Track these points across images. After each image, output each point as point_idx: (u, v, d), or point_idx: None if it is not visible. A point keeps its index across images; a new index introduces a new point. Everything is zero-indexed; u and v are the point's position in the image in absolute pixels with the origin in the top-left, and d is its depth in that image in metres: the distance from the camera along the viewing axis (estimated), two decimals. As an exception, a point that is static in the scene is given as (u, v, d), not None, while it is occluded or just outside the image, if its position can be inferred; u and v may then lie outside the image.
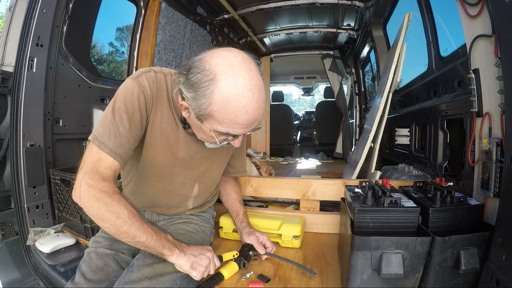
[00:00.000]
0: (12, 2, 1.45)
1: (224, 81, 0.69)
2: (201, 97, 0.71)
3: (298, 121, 6.52)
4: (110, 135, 0.77)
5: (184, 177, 1.00)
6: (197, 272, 0.82)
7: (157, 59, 2.41)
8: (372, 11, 2.72)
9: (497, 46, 0.81)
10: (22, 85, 1.43)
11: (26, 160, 1.43)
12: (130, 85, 0.82)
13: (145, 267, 0.83)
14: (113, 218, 0.72)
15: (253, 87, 0.72)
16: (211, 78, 0.70)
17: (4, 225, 1.46)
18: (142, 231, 0.75)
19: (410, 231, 0.78)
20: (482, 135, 0.92)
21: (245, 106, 0.71)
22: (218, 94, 0.70)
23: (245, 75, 0.71)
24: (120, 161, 0.78)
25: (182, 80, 0.76)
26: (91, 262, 0.88)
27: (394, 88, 1.69)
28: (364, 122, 2.62)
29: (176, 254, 0.81)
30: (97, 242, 0.95)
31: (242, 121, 0.74)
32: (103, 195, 0.72)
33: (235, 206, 1.21)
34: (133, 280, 0.79)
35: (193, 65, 0.74)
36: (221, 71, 0.70)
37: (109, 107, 0.80)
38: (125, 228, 0.73)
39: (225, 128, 0.75)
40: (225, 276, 0.94)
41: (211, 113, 0.73)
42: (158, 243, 0.78)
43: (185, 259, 0.81)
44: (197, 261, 0.83)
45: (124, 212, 0.73)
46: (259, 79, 0.75)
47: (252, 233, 1.09)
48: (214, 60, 0.72)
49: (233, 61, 0.72)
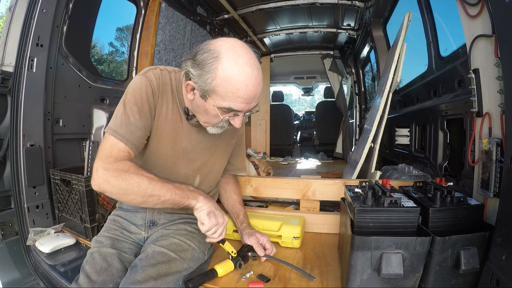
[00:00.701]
0: (12, 2, 1.45)
1: (227, 58, 0.78)
2: (206, 73, 0.79)
3: (298, 121, 6.52)
4: (121, 124, 0.85)
5: (187, 169, 1.03)
6: (209, 221, 0.87)
7: (157, 59, 2.41)
8: (372, 11, 2.72)
9: (497, 46, 0.81)
10: (22, 85, 1.43)
11: (26, 160, 1.43)
12: (138, 81, 0.91)
13: (149, 267, 0.84)
14: (136, 188, 0.79)
15: (252, 65, 0.80)
16: (215, 56, 0.79)
17: (4, 225, 1.46)
18: (165, 189, 0.83)
19: (410, 231, 0.78)
20: (482, 135, 0.92)
21: (245, 80, 0.79)
22: (221, 69, 0.78)
23: (244, 55, 0.80)
24: (132, 147, 0.85)
25: (189, 64, 0.84)
26: (95, 263, 0.88)
27: (394, 88, 1.69)
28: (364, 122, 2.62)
29: (201, 200, 0.88)
30: (99, 242, 0.95)
31: (243, 95, 0.80)
32: (120, 173, 0.79)
33: (236, 207, 1.21)
34: (138, 281, 0.80)
35: (198, 49, 0.83)
36: (224, 50, 0.79)
37: (121, 102, 0.89)
38: (149, 192, 0.80)
39: (227, 102, 0.81)
40: (219, 273, 0.94)
41: (215, 87, 0.80)
42: (183, 195, 0.86)
43: (208, 205, 0.89)
44: (215, 213, 0.90)
45: (143, 179, 0.80)
46: (256, 60, 0.83)
47: (253, 234, 1.09)
48: (218, 42, 0.82)
49: (234, 44, 0.81)
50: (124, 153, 0.83)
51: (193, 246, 0.98)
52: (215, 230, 0.89)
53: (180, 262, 0.90)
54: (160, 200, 0.83)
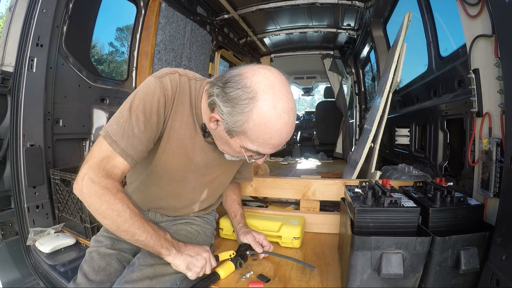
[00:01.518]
0: (12, 2, 1.45)
1: (265, 102, 0.70)
2: (238, 114, 0.71)
3: (298, 121, 6.52)
4: (123, 135, 0.74)
5: (195, 182, 0.99)
6: (192, 273, 0.84)
7: (157, 59, 2.41)
8: (372, 11, 2.72)
9: (497, 46, 0.81)
10: (22, 85, 1.43)
11: (26, 160, 1.43)
12: (152, 85, 0.79)
13: (146, 267, 0.83)
14: (114, 216, 0.71)
15: (290, 110, 0.73)
16: (251, 97, 0.70)
17: (4, 225, 1.46)
18: (142, 230, 0.75)
19: (410, 231, 0.78)
20: (482, 135, 0.92)
21: (280, 128, 0.72)
22: (257, 113, 0.70)
23: (284, 98, 0.72)
24: (131, 162, 0.76)
25: (217, 92, 0.75)
26: (93, 262, 0.87)
27: (394, 88, 1.69)
28: (364, 122, 2.62)
29: (173, 254, 0.81)
30: (98, 241, 0.95)
31: (275, 142, 0.75)
32: (106, 192, 0.70)
33: (234, 207, 1.21)
34: (134, 280, 0.79)
35: (232, 79, 0.74)
36: (262, 90, 0.70)
37: (127, 104, 0.77)
38: (125, 226, 0.73)
39: (256, 147, 0.76)
40: (221, 275, 0.94)
41: (246, 130, 0.73)
42: (157, 242, 0.78)
43: (182, 259, 0.82)
44: (193, 261, 0.84)
45: (126, 211, 0.72)
46: (294, 102, 0.76)
47: (249, 233, 1.09)
48: (255, 78, 0.72)
49: (274, 82, 0.72)
50: (118, 170, 0.74)
51: None
52: (204, 270, 0.87)
53: None
54: (134, 238, 0.75)
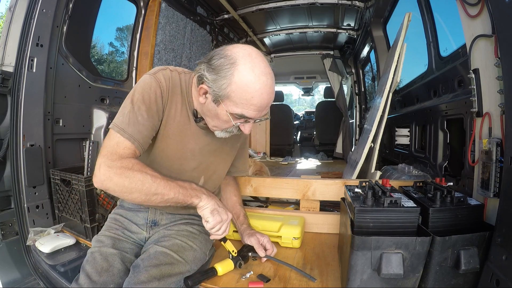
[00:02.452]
0: (12, 2, 1.45)
1: (243, 66, 0.79)
2: (222, 78, 0.79)
3: (298, 121, 6.52)
4: (129, 122, 0.83)
5: (192, 170, 1.03)
6: (213, 219, 0.87)
7: (157, 59, 2.41)
8: (372, 11, 2.72)
9: (497, 46, 0.81)
10: (22, 85, 1.43)
11: (26, 160, 1.43)
12: (148, 80, 0.90)
13: (152, 268, 0.84)
14: (139, 186, 0.78)
15: (267, 74, 0.81)
16: (232, 62, 0.79)
17: (4, 225, 1.46)
18: (168, 188, 0.82)
19: (410, 231, 0.78)
20: (482, 135, 0.92)
21: (260, 88, 0.79)
22: (237, 76, 0.78)
23: (261, 64, 0.81)
24: (138, 146, 0.84)
25: (203, 67, 0.84)
26: (96, 263, 0.87)
27: (394, 88, 1.69)
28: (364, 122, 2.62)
29: (204, 198, 0.88)
30: (100, 241, 0.95)
31: (257, 103, 0.81)
32: (124, 170, 0.78)
33: (236, 208, 1.21)
34: (142, 281, 0.80)
35: (215, 53, 0.83)
36: (241, 57, 0.79)
37: (128, 99, 0.87)
38: (152, 190, 0.80)
39: (240, 109, 0.82)
40: (219, 272, 0.94)
41: (229, 93, 0.80)
42: (186, 194, 0.85)
43: (211, 203, 0.89)
44: (219, 210, 0.89)
45: (146, 177, 0.79)
46: (271, 69, 0.84)
47: (253, 235, 1.09)
48: (234, 49, 0.82)
49: (251, 51, 0.82)
50: (130, 150, 0.82)
51: (194, 247, 0.98)
52: (219, 227, 0.89)
53: (183, 264, 0.91)
54: (164, 199, 0.82)
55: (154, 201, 0.81)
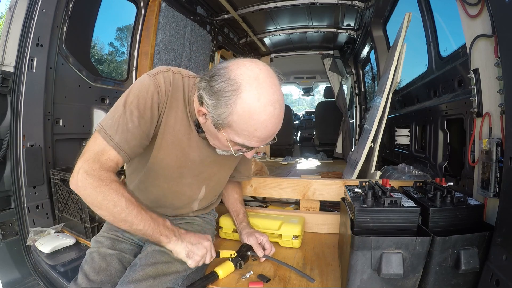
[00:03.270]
0: (12, 2, 1.45)
1: (248, 93, 0.69)
2: (222, 106, 0.71)
3: (298, 121, 6.52)
4: (118, 129, 0.76)
5: (192, 179, 0.99)
6: (192, 261, 0.84)
7: (157, 59, 2.41)
8: (372, 11, 2.72)
9: (497, 46, 0.81)
10: (22, 85, 1.43)
11: (26, 160, 1.43)
12: (146, 82, 0.81)
13: (149, 266, 0.83)
14: (111, 207, 0.72)
15: (275, 102, 0.72)
16: (235, 89, 0.70)
17: (4, 225, 1.46)
18: (139, 218, 0.75)
19: (410, 231, 0.78)
20: (482, 135, 0.92)
21: (265, 120, 0.71)
22: (241, 105, 0.70)
23: (268, 89, 0.71)
24: (124, 156, 0.77)
25: (203, 86, 0.76)
26: (94, 263, 0.87)
27: (394, 88, 1.69)
28: (364, 122, 2.62)
29: (173, 241, 0.82)
30: (99, 242, 0.95)
31: (260, 135, 0.74)
32: (101, 184, 0.72)
33: (236, 206, 1.21)
34: (137, 280, 0.79)
35: (217, 72, 0.74)
36: (246, 82, 0.70)
37: (121, 100, 0.79)
38: (122, 216, 0.73)
39: (242, 139, 0.76)
40: (220, 275, 0.94)
41: (230, 123, 0.73)
42: (156, 230, 0.78)
43: (182, 247, 0.83)
44: (194, 249, 0.84)
45: (121, 200, 0.73)
46: (281, 94, 0.75)
47: (252, 234, 1.09)
48: (239, 70, 0.72)
49: (259, 73, 0.72)
50: (112, 162, 0.76)
51: None
52: (204, 259, 0.87)
53: (180, 263, 0.90)
54: (131, 228, 0.75)
55: (121, 226, 0.75)
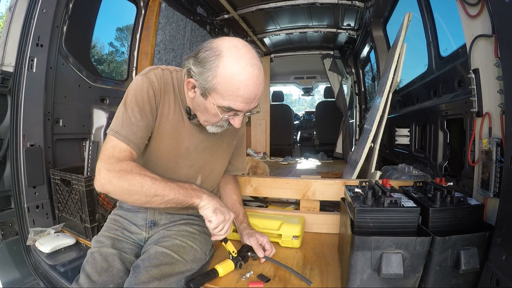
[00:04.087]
0: (12, 2, 1.45)
1: (228, 57, 0.78)
2: (207, 71, 0.79)
3: (298, 121, 6.52)
4: (123, 125, 0.85)
5: (188, 169, 1.03)
6: (216, 218, 0.87)
7: (157, 59, 2.42)
8: (372, 11, 2.72)
9: (497, 46, 0.81)
10: (22, 85, 1.43)
11: (26, 160, 1.43)
12: (140, 81, 0.91)
13: (153, 268, 0.84)
14: (139, 189, 0.79)
15: (253, 64, 0.80)
16: (217, 54, 0.79)
17: (4, 225, 1.46)
18: (168, 189, 0.83)
19: (410, 231, 0.78)
20: (482, 135, 0.92)
21: (246, 79, 0.78)
22: (222, 67, 0.78)
23: (246, 55, 0.80)
24: (134, 147, 0.85)
25: (191, 61, 0.84)
26: (96, 263, 0.88)
27: (394, 88, 1.69)
28: (364, 122, 2.62)
29: (204, 198, 0.89)
30: (99, 242, 0.95)
31: (243, 94, 0.80)
32: (122, 173, 0.79)
33: (235, 207, 1.21)
34: (143, 281, 0.80)
35: (201, 47, 0.84)
36: (226, 48, 0.79)
37: (122, 103, 0.89)
38: (152, 191, 0.81)
39: (227, 101, 0.81)
40: (220, 273, 0.95)
41: (215, 86, 0.80)
42: (187, 194, 0.86)
43: (212, 203, 0.89)
44: (221, 209, 0.90)
45: (146, 179, 0.80)
46: (258, 60, 0.83)
47: (253, 235, 1.09)
48: (220, 41, 0.82)
49: (237, 43, 0.81)
50: (126, 153, 0.83)
51: (194, 247, 0.98)
52: (222, 226, 0.90)
53: (183, 264, 0.91)
54: (164, 200, 0.83)
55: (155, 202, 0.82)
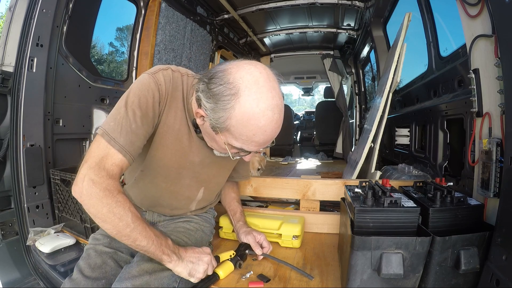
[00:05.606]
0: (12, 2, 1.45)
1: (247, 98, 0.68)
2: (220, 110, 0.70)
3: (298, 121, 6.52)
4: (121, 131, 0.73)
5: (191, 180, 0.99)
6: (195, 278, 0.84)
7: (157, 59, 2.41)
8: (372, 11, 2.72)
9: (497, 46, 0.81)
10: (22, 85, 1.43)
11: (26, 160, 1.43)
12: (146, 81, 0.80)
13: (145, 262, 0.83)
14: (116, 220, 0.69)
15: (274, 107, 0.71)
16: (233, 93, 0.68)
17: (4, 225, 1.46)
18: (144, 235, 0.73)
19: (410, 231, 0.78)
20: (482, 135, 0.92)
21: (264, 125, 0.70)
22: (239, 110, 0.69)
23: (268, 94, 0.70)
24: (130, 159, 0.75)
25: (202, 88, 0.74)
26: (90, 259, 0.88)
27: (394, 88, 1.69)
28: (364, 122, 2.62)
29: (174, 261, 0.79)
30: (96, 239, 0.95)
31: (259, 140, 0.73)
32: (107, 195, 0.68)
33: (233, 205, 1.21)
34: (133, 275, 0.79)
35: (216, 75, 0.72)
36: (245, 86, 0.69)
37: (122, 101, 0.77)
38: (127, 231, 0.71)
39: (240, 144, 0.75)
40: (221, 276, 0.94)
41: (228, 127, 0.72)
42: (158, 248, 0.76)
43: (183, 266, 0.81)
44: (195, 267, 0.83)
45: (128, 215, 0.70)
46: (281, 98, 0.74)
47: (250, 233, 1.09)
48: (239, 73, 0.70)
49: (258, 77, 0.70)
50: (117, 168, 0.73)
51: (190, 243, 0.97)
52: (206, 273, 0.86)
53: None
54: (134, 244, 0.73)
55: (124, 241, 0.72)
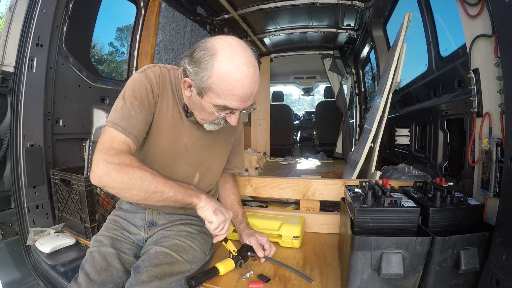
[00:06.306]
0: (12, 2, 1.45)
1: (223, 56, 0.79)
2: (202, 70, 0.80)
3: (298, 121, 6.52)
4: (122, 117, 0.83)
5: (186, 166, 1.03)
6: (217, 219, 0.88)
7: (157, 59, 2.41)
8: (372, 11, 2.72)
9: (497, 46, 0.81)
10: (22, 85, 1.43)
11: (26, 160, 1.43)
12: (138, 77, 0.91)
13: (153, 267, 0.84)
14: (138, 183, 0.77)
15: (248, 63, 0.80)
16: (212, 53, 0.79)
17: (4, 225, 1.46)
18: (168, 186, 0.82)
19: (410, 231, 0.78)
20: (482, 135, 0.92)
21: (241, 78, 0.79)
22: (217, 67, 0.78)
23: (241, 53, 0.80)
24: (133, 139, 0.84)
25: (187, 61, 0.85)
26: (95, 262, 0.88)
27: (394, 88, 1.69)
28: (364, 122, 2.62)
29: (203, 199, 0.89)
30: (98, 241, 0.95)
31: (239, 93, 0.80)
32: (122, 166, 0.77)
33: (234, 207, 1.21)
34: (143, 281, 0.80)
35: (196, 46, 0.84)
36: (221, 48, 0.80)
37: (120, 97, 0.88)
38: (152, 187, 0.79)
39: (222, 100, 0.82)
40: (221, 271, 0.95)
41: (211, 85, 0.80)
42: (186, 193, 0.85)
43: (211, 204, 0.89)
44: (220, 209, 0.91)
45: (146, 174, 0.79)
46: (254, 58, 0.83)
47: (252, 235, 1.09)
48: (215, 40, 0.82)
49: (232, 42, 0.81)
50: (125, 145, 0.81)
51: (194, 247, 0.98)
52: (222, 226, 0.90)
53: (183, 263, 0.91)
54: (163, 197, 0.81)
55: (154, 199, 0.80)
